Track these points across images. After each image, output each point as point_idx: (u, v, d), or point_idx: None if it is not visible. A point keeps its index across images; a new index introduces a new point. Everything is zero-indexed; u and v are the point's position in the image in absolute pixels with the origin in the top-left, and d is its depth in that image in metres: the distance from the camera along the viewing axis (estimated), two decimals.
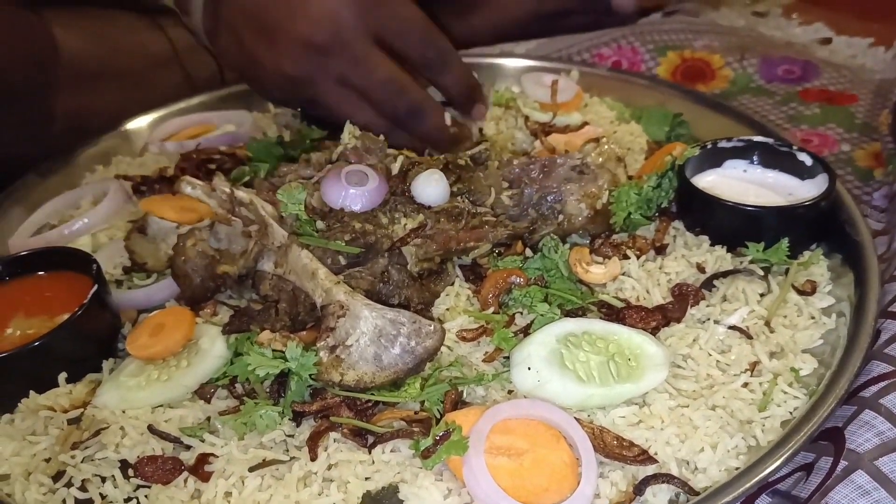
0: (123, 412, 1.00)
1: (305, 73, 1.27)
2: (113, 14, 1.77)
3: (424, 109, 1.33)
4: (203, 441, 0.96)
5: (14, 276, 1.15)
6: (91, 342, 1.09)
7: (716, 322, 1.07)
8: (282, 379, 1.00)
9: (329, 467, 0.93)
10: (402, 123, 1.32)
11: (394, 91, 1.30)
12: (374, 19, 1.28)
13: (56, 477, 0.95)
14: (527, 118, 1.51)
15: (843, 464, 0.89)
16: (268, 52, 1.28)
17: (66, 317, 1.06)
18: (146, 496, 0.93)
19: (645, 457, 0.91)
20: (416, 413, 0.96)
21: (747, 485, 0.87)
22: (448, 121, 1.39)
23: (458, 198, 1.20)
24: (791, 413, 0.97)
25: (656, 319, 1.06)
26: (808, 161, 1.22)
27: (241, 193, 1.16)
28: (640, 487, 0.89)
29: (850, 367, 0.98)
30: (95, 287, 1.08)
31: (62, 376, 1.05)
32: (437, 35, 1.34)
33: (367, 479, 0.91)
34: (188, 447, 0.96)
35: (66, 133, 1.60)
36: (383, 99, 1.30)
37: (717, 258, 1.16)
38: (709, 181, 1.25)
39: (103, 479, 0.94)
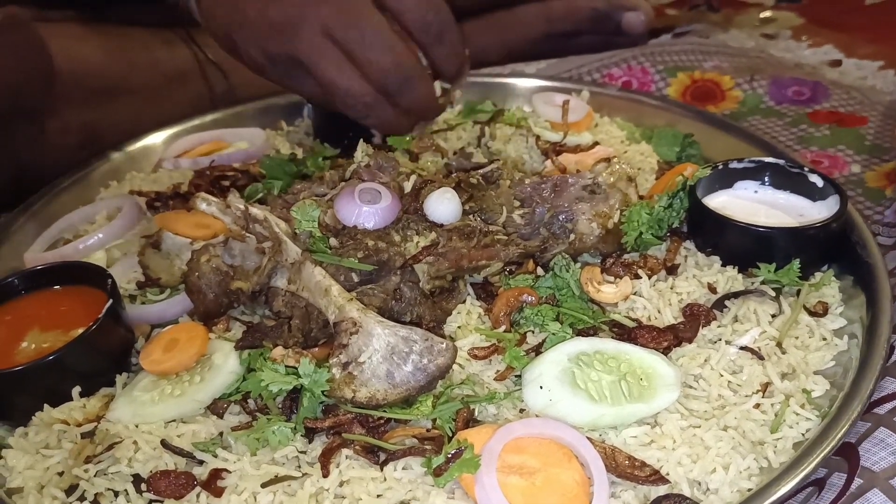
0: (137, 426, 1.01)
1: (290, 20, 1.18)
2: (128, 30, 1.79)
3: (415, 76, 1.25)
4: (216, 456, 0.96)
5: (30, 291, 1.16)
6: (105, 356, 1.09)
7: (727, 343, 1.07)
8: (294, 395, 1.01)
9: (341, 484, 0.93)
10: (388, 90, 1.24)
11: (384, 51, 1.20)
12: None
13: (69, 491, 0.95)
14: (538, 137, 1.51)
15: (857, 481, 0.89)
16: (256, 4, 1.21)
17: (80, 331, 1.07)
18: None
19: (657, 477, 0.91)
20: (427, 431, 0.96)
21: None
22: (438, 91, 1.33)
23: (470, 216, 1.21)
24: (803, 435, 0.97)
25: (668, 339, 1.07)
26: (820, 182, 1.23)
27: (256, 210, 1.17)
28: None
29: (862, 389, 0.98)
30: (110, 302, 1.09)
31: (76, 390, 1.06)
32: (437, 2, 1.26)
33: (378, 496, 0.91)
34: (201, 462, 0.96)
35: (81, 148, 1.62)
36: (369, 57, 1.20)
37: (729, 279, 1.16)
38: (720, 202, 1.25)
39: (116, 494, 0.94)
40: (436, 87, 1.32)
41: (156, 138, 1.67)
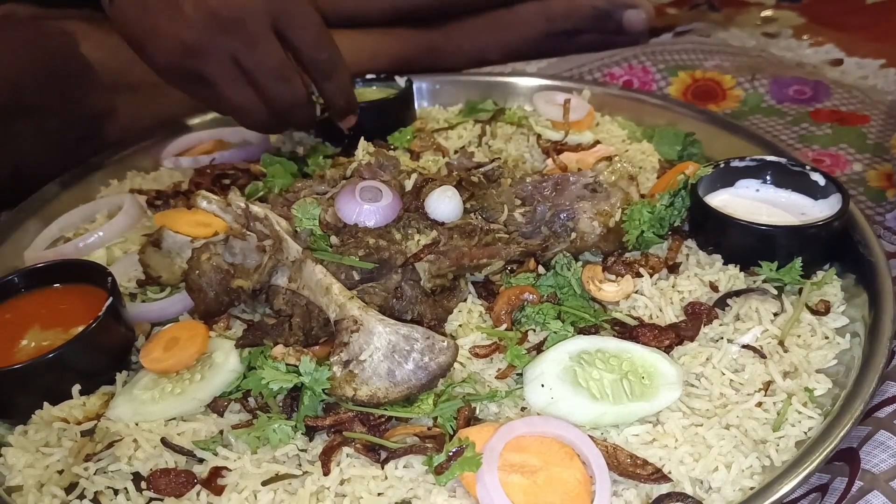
0: (137, 425, 1.01)
1: (202, 44, 1.28)
2: None
3: (301, 104, 1.38)
4: (216, 455, 0.96)
5: (30, 289, 1.16)
6: (105, 355, 1.09)
7: (729, 341, 1.07)
8: (294, 393, 1.01)
9: (342, 482, 0.92)
10: (277, 111, 1.36)
11: (279, 79, 1.33)
12: (278, 8, 1.32)
13: (69, 489, 0.95)
14: (539, 136, 1.51)
15: (858, 484, 0.88)
16: (170, 19, 1.28)
17: (80, 329, 1.06)
18: None
19: (659, 475, 0.91)
20: (429, 429, 0.96)
21: None
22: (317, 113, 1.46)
23: (472, 215, 1.21)
24: (805, 433, 0.97)
25: (669, 338, 1.06)
26: (822, 181, 1.22)
27: (256, 208, 1.17)
28: None
29: (864, 387, 0.97)
30: (110, 300, 1.09)
31: (76, 388, 1.06)
32: (330, 40, 1.39)
33: (379, 494, 0.91)
34: (201, 460, 0.96)
35: (81, 144, 1.62)
36: (268, 85, 1.32)
37: (731, 277, 1.16)
38: (721, 200, 1.25)
39: (116, 492, 0.94)
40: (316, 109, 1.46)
41: (157, 137, 1.66)
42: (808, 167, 1.25)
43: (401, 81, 1.65)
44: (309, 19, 1.36)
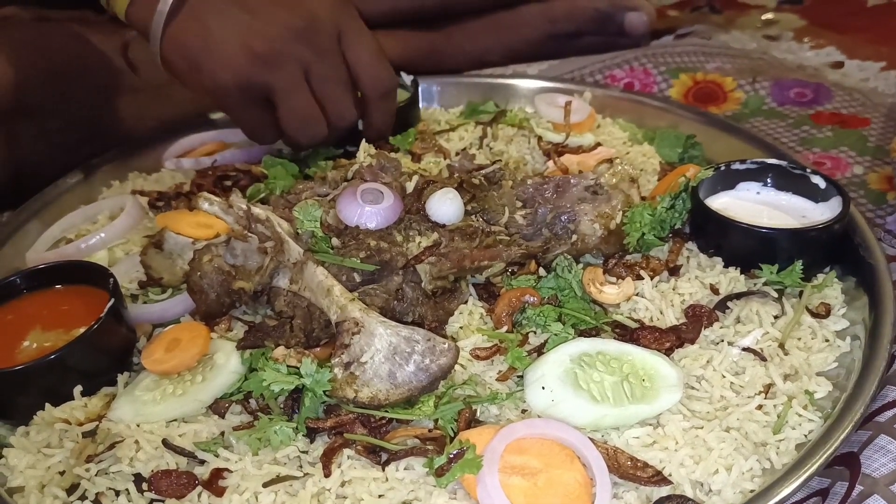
0: (138, 426, 1.01)
1: (275, 53, 1.29)
2: (130, 29, 1.79)
3: (355, 119, 1.40)
4: (217, 456, 0.96)
5: (32, 290, 1.16)
6: (107, 356, 1.09)
7: (730, 344, 1.07)
8: (296, 395, 1.01)
9: (343, 484, 0.93)
10: (333, 124, 1.38)
11: (346, 91, 1.36)
12: (342, 23, 1.34)
13: (70, 490, 0.95)
14: (540, 138, 1.51)
15: (858, 488, 0.89)
16: (239, 33, 1.29)
17: (82, 330, 1.07)
18: None
19: (659, 478, 0.91)
20: (430, 431, 0.96)
21: None
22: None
23: (473, 217, 1.21)
24: (806, 436, 0.97)
25: (670, 340, 1.07)
26: (822, 184, 1.22)
27: (258, 210, 1.17)
28: None
29: (865, 390, 0.97)
30: (112, 301, 1.09)
31: (77, 389, 1.06)
32: (387, 62, 1.40)
33: (380, 496, 0.91)
34: (202, 462, 0.96)
35: (82, 144, 1.62)
36: (333, 96, 1.34)
37: (731, 280, 1.16)
38: (722, 203, 1.25)
39: (117, 493, 0.94)
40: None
41: (159, 138, 1.66)
42: (808, 170, 1.25)
43: (406, 78, 1.64)
44: (367, 38, 1.38)
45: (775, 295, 1.13)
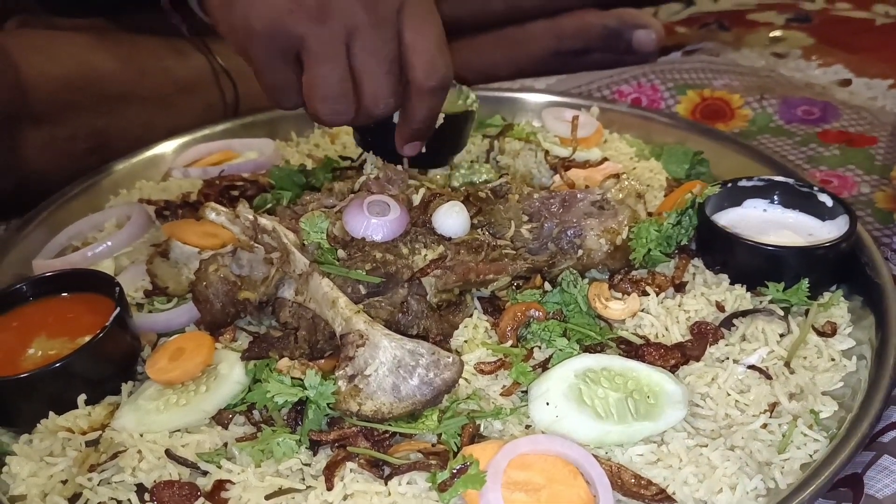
0: (141, 436, 1.00)
1: (321, 3, 1.12)
2: (139, 38, 1.81)
3: (391, 109, 1.23)
4: (220, 467, 0.96)
5: (38, 297, 1.16)
6: (111, 365, 1.09)
7: (735, 361, 1.07)
8: (299, 407, 1.01)
9: (345, 497, 0.92)
10: (365, 108, 1.21)
11: (389, 73, 1.17)
12: (409, 6, 1.17)
13: (72, 499, 0.95)
14: (547, 152, 1.52)
15: None
16: None
17: (87, 338, 1.07)
18: None
19: (663, 496, 0.90)
20: (433, 445, 0.95)
21: None
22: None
23: (479, 230, 1.21)
24: (811, 456, 0.96)
25: (675, 357, 1.06)
26: (829, 202, 1.22)
27: (265, 221, 1.17)
28: None
29: (871, 410, 0.97)
30: (117, 310, 1.09)
31: (81, 398, 1.06)
32: (448, 58, 1.22)
33: None
34: (205, 473, 0.96)
35: (90, 153, 1.63)
36: (374, 74, 1.16)
37: (737, 297, 1.16)
38: (728, 220, 1.25)
39: (119, 503, 0.94)
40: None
41: (165, 147, 1.67)
42: (815, 188, 1.25)
43: (467, 91, 1.45)
44: (432, 19, 1.19)
45: (781, 313, 1.13)
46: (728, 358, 1.08)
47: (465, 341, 1.12)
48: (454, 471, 0.90)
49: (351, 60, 1.15)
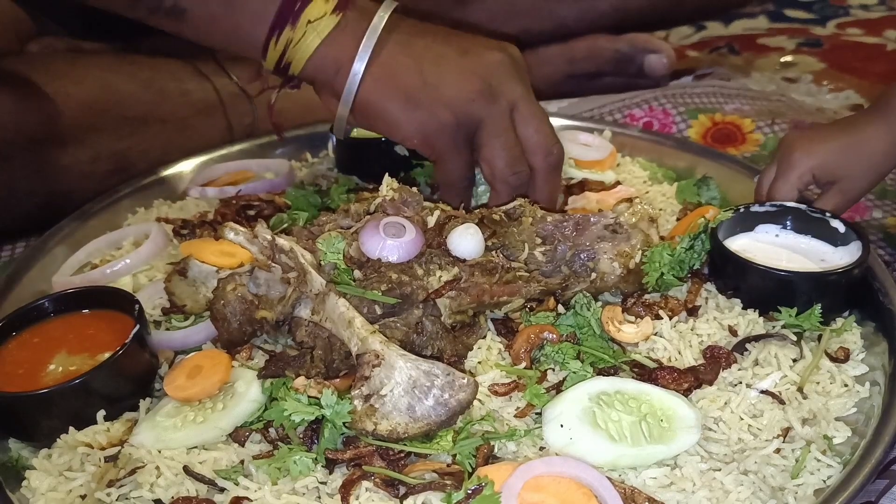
0: (159, 452, 1.01)
1: (490, 87, 1.27)
2: (159, 61, 1.84)
3: (557, 152, 1.35)
4: (237, 484, 0.97)
5: (59, 313, 1.18)
6: (130, 381, 1.11)
7: (748, 386, 1.07)
8: (315, 425, 1.02)
9: None
10: (536, 158, 1.34)
11: (548, 127, 1.33)
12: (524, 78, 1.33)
13: None
14: None
15: None
16: (454, 68, 1.28)
17: (107, 355, 1.08)
18: None
19: None
20: (448, 466, 0.96)
21: None
22: None
23: (493, 252, 1.22)
24: (824, 482, 0.96)
25: (688, 381, 1.07)
26: (842, 228, 1.23)
27: (282, 241, 1.19)
28: None
29: (885, 437, 0.97)
30: (137, 327, 1.11)
31: (101, 414, 1.07)
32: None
33: None
34: (222, 490, 0.97)
35: (111, 174, 1.66)
36: (538, 131, 1.31)
37: (750, 322, 1.16)
38: (741, 245, 1.26)
39: None
40: None
41: (183, 167, 1.69)
42: (828, 214, 1.26)
43: None
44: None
45: (794, 338, 1.13)
46: (741, 382, 1.08)
47: (479, 362, 1.13)
48: (469, 491, 0.90)
49: (517, 129, 1.31)
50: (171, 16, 1.27)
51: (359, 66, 1.24)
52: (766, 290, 1.18)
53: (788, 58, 2.47)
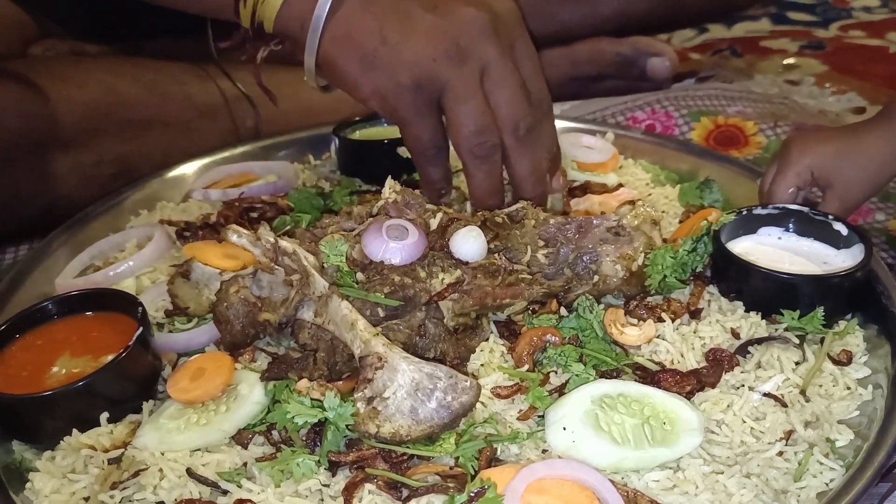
0: (162, 454, 1.02)
1: (458, 49, 1.19)
2: (162, 64, 1.85)
3: (524, 123, 1.27)
4: (240, 486, 0.97)
5: (62, 316, 1.18)
6: (134, 383, 1.11)
7: (750, 389, 1.07)
8: (318, 428, 1.02)
9: None
10: (506, 129, 1.26)
11: (519, 97, 1.24)
12: (519, 30, 1.27)
13: None
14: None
15: None
16: (419, 27, 1.20)
17: (110, 357, 1.08)
18: None
19: None
20: (451, 468, 0.96)
21: None
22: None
23: (495, 255, 1.22)
24: (827, 485, 0.96)
25: (691, 384, 1.07)
26: (844, 231, 1.23)
27: (285, 243, 1.19)
28: None
29: (887, 440, 0.97)
30: (140, 329, 1.11)
31: (104, 416, 1.07)
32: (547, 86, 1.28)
33: None
34: (225, 492, 0.97)
35: (114, 177, 1.66)
36: (507, 100, 1.23)
37: (752, 324, 1.16)
38: (743, 247, 1.26)
39: None
40: None
41: (186, 169, 1.69)
42: (830, 217, 1.25)
43: None
44: (533, 50, 1.27)
45: (796, 341, 1.13)
46: (743, 385, 1.08)
47: (482, 365, 1.14)
48: (472, 494, 0.90)
49: (486, 95, 1.22)
50: None
51: (316, 23, 1.19)
52: (769, 293, 1.18)
53: (791, 60, 2.47)
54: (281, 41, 1.29)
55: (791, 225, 1.28)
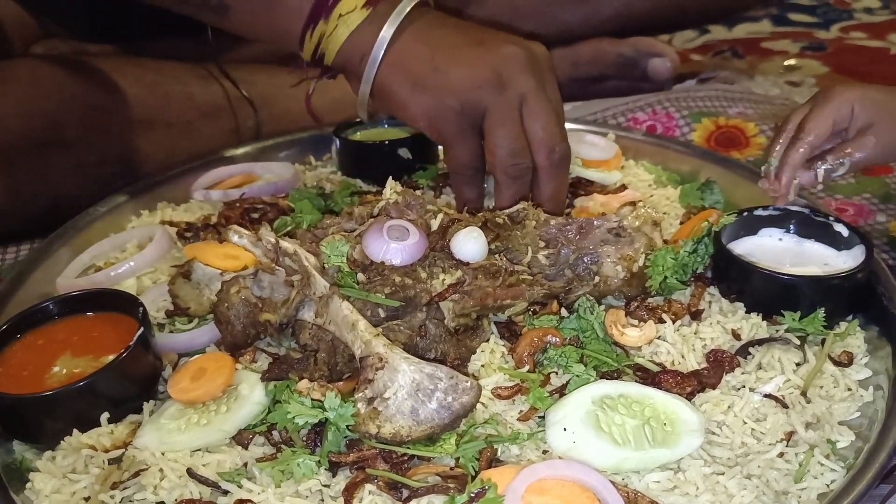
0: (163, 454, 1.02)
1: (501, 77, 1.28)
2: (164, 65, 1.85)
3: (559, 149, 1.35)
4: (241, 487, 0.97)
5: (63, 316, 1.18)
6: (134, 383, 1.11)
7: (751, 390, 1.07)
8: (318, 428, 1.02)
9: None
10: (540, 154, 1.33)
11: (554, 125, 1.32)
12: (548, 74, 1.35)
13: None
14: None
15: None
16: (466, 56, 1.30)
17: (111, 357, 1.08)
18: None
19: None
20: (451, 469, 0.96)
21: None
22: None
23: (496, 255, 1.22)
24: (828, 486, 0.96)
25: (692, 385, 1.07)
26: (845, 232, 1.23)
27: (286, 244, 1.19)
28: None
29: (888, 441, 0.97)
30: (141, 329, 1.11)
31: (104, 416, 1.07)
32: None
33: None
34: (226, 492, 0.97)
35: (116, 177, 1.66)
36: (544, 128, 1.31)
37: (753, 325, 1.16)
38: (744, 248, 1.26)
39: None
40: None
41: (188, 170, 1.69)
42: (831, 217, 1.26)
43: None
44: (557, 94, 1.35)
45: (797, 342, 1.13)
46: (744, 386, 1.08)
47: (483, 366, 1.14)
48: (472, 494, 0.90)
49: (524, 122, 1.31)
50: (216, 12, 1.35)
51: (377, 53, 1.29)
52: (770, 294, 1.18)
53: (792, 61, 2.47)
54: (334, 75, 1.39)
55: (792, 226, 1.28)
